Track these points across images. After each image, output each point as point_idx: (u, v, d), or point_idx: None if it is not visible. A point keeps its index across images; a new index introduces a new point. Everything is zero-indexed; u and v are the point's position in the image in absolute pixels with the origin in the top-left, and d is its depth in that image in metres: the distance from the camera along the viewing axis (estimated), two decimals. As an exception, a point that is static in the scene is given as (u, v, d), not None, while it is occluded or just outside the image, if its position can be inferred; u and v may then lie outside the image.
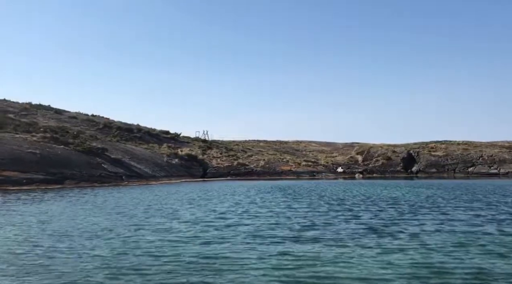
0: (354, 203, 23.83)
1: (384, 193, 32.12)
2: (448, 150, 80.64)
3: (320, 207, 22.10)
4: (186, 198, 28.37)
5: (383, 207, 22.03)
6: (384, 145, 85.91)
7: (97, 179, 53.58)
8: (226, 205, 23.47)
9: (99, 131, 70.72)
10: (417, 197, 28.36)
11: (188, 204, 24.26)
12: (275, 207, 22.16)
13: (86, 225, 15.90)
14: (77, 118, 72.77)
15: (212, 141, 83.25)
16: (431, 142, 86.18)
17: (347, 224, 15.73)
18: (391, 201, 25.11)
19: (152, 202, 25.37)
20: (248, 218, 17.80)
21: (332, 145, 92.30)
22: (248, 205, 23.12)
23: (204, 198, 28.68)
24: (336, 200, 26.10)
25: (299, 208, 21.57)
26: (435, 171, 77.65)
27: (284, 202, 24.84)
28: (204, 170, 66.88)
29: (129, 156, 63.70)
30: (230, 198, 28.26)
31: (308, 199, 26.54)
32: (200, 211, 20.69)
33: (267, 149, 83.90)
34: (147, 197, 29.80)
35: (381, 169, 78.93)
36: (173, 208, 21.81)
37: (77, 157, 56.94)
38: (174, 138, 77.74)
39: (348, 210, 20.33)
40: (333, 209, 21.03)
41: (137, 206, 22.78)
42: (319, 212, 19.80)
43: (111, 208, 22.01)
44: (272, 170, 70.33)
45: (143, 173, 61.22)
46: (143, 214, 19.10)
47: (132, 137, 71.30)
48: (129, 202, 25.21)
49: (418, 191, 33.52)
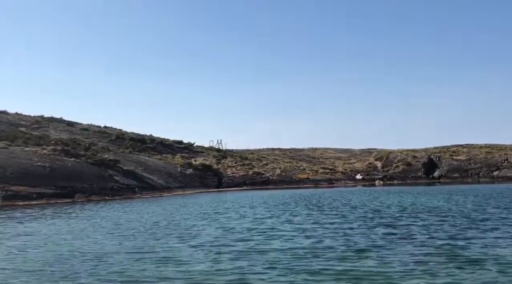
0: (394, 217, 20.07)
1: (419, 202, 28.32)
2: (470, 154, 76.28)
3: (358, 221, 18.44)
4: (200, 212, 24.93)
5: (430, 220, 18.32)
6: (403, 150, 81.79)
7: (108, 192, 50.57)
8: (246, 221, 19.91)
9: (111, 142, 67.89)
10: (460, 206, 24.58)
11: (202, 219, 20.84)
12: (305, 222, 18.55)
13: (71, 254, 12.51)
14: (89, 130, 70.10)
15: (226, 150, 79.95)
16: (452, 146, 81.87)
17: (406, 246, 12.11)
18: (434, 212, 21.35)
19: (160, 217, 21.99)
20: (276, 238, 14.27)
21: (349, 152, 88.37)
22: (271, 220, 19.53)
23: (220, 211, 25.20)
24: (371, 212, 22.39)
25: (333, 223, 17.92)
26: (458, 175, 73.31)
27: (313, 216, 21.17)
28: (219, 180, 63.53)
29: (142, 168, 60.65)
30: (249, 212, 24.71)
31: (339, 212, 22.90)
32: (216, 229, 17.20)
33: (282, 157, 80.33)
34: (157, 211, 26.46)
35: (401, 175, 74.83)
36: (185, 225, 18.37)
37: (88, 170, 54.02)
38: (187, 147, 74.63)
39: (391, 226, 16.62)
40: (373, 224, 17.38)
41: (143, 224, 19.40)
42: (363, 229, 16.14)
43: (112, 226, 18.67)
44: (288, 178, 66.70)
45: (156, 184, 58.07)
46: (150, 236, 15.69)
47: (145, 148, 68.32)
48: (136, 219, 21.85)
49: (457, 199, 29.66)
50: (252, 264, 10.24)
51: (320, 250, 11.86)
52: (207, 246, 12.93)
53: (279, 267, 9.86)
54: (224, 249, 12.40)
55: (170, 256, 11.64)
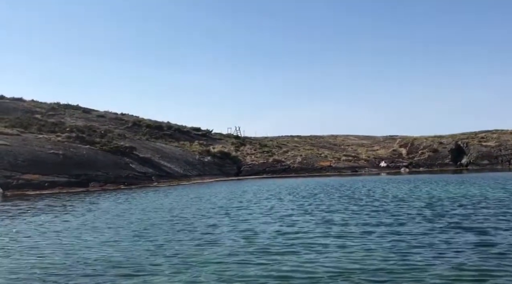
0: (463, 215, 16.04)
1: (471, 193, 24.50)
2: (500, 140, 71.51)
3: (417, 222, 14.76)
4: (219, 206, 21.62)
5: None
6: (429, 136, 77.33)
7: (124, 180, 47.84)
8: (274, 219, 16.45)
9: (128, 129, 65.07)
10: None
11: (223, 215, 17.51)
12: (350, 223, 14.97)
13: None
14: (105, 117, 67.37)
15: (245, 137, 76.56)
16: (480, 132, 77.09)
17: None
18: (504, 208, 17.56)
19: (175, 211, 18.74)
20: (317, 250, 10.81)
21: (371, 138, 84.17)
22: (304, 220, 16.03)
23: (242, 205, 21.84)
24: (426, 207, 18.63)
25: (386, 225, 14.29)
26: (487, 162, 68.72)
27: (354, 213, 17.54)
28: (238, 168, 60.30)
29: (159, 155, 57.75)
30: (277, 205, 21.26)
31: (383, 207, 19.32)
32: (240, 233, 13.82)
33: (302, 144, 76.59)
34: (174, 201, 23.27)
35: (427, 163, 70.51)
36: (203, 225, 15.05)
37: (103, 157, 51.31)
38: (205, 135, 71.42)
39: (469, 230, 12.82)
40: (441, 226, 13.70)
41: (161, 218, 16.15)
42: (432, 234, 12.40)
43: (110, 219, 15.47)
44: (310, 166, 63.11)
45: (174, 172, 55.14)
46: (164, 236, 12.40)
47: (162, 135, 65.35)
48: (146, 213, 18.64)
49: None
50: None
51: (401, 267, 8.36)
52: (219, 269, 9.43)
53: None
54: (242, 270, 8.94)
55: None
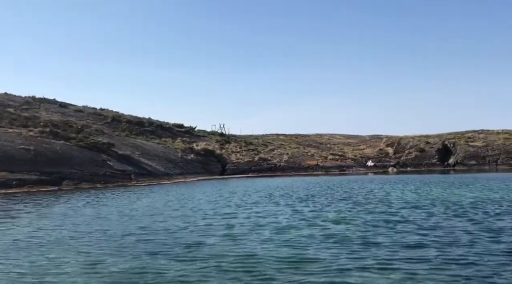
0: (492, 225, 13.25)
1: (478, 196, 21.63)
2: (487, 140, 69.57)
3: (441, 235, 11.71)
4: (204, 213, 18.24)
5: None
6: (415, 136, 75.04)
7: (101, 179, 44.00)
8: (270, 234, 13.14)
9: (107, 125, 61.02)
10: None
11: (207, 227, 14.13)
12: (369, 235, 11.79)
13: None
14: (83, 112, 63.14)
15: (230, 135, 73.10)
16: (467, 132, 75.09)
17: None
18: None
19: (144, 221, 15.29)
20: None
21: (357, 137, 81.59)
22: (310, 234, 12.76)
23: (230, 212, 18.50)
24: (446, 213, 15.62)
25: (433, 246, 11.13)
26: (474, 163, 66.70)
27: (364, 222, 14.35)
28: (222, 166, 56.85)
29: (139, 152, 53.93)
30: (272, 211, 17.95)
31: (393, 213, 16.21)
32: (232, 244, 10.47)
33: (288, 142, 73.49)
34: (149, 205, 19.78)
35: (414, 162, 68.19)
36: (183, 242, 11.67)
37: (79, 154, 47.33)
38: (189, 132, 67.68)
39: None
40: (486, 246, 10.65)
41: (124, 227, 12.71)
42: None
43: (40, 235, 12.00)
44: (297, 165, 60.04)
45: (155, 170, 51.41)
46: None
47: (143, 131, 61.48)
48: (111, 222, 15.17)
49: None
50: None
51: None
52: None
53: None
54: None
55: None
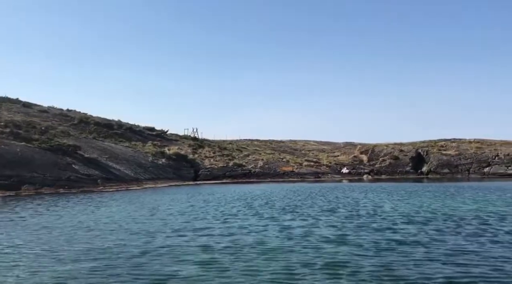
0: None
1: (470, 207, 19.52)
2: (460, 149, 68.87)
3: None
4: (170, 229, 15.36)
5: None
6: (389, 144, 73.75)
7: (64, 183, 40.43)
8: (259, 268, 10.45)
9: (74, 127, 57.00)
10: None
11: (169, 248, 11.30)
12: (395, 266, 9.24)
13: None
14: (48, 113, 58.93)
15: (203, 140, 69.96)
16: (440, 140, 74.31)
17: None
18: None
19: (95, 242, 12.35)
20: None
21: (332, 144, 79.81)
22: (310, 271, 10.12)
23: (202, 227, 15.69)
24: (458, 233, 13.29)
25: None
26: (447, 171, 65.84)
27: (376, 244, 11.83)
28: (195, 172, 53.73)
29: (106, 156, 50.29)
30: (255, 228, 15.25)
31: (409, 236, 13.76)
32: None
33: (263, 148, 70.93)
34: (107, 217, 16.74)
35: (389, 170, 66.77)
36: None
37: (41, 157, 43.48)
38: (160, 135, 64.21)
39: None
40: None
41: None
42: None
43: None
44: (272, 171, 57.52)
45: (123, 175, 47.91)
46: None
47: (112, 134, 57.71)
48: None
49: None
50: None
51: None
52: None
53: None
54: None
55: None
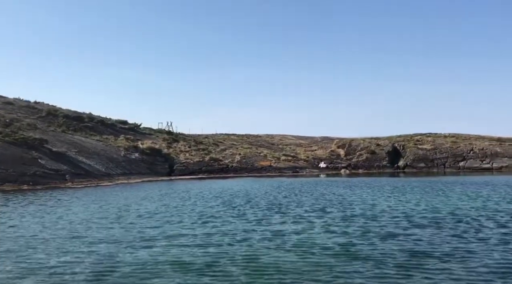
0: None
1: (466, 205, 17.48)
2: (436, 143, 67.82)
3: None
4: (142, 237, 12.65)
5: None
6: (366, 138, 72.23)
7: (29, 179, 37.02)
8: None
9: (41, 119, 53.03)
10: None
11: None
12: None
13: None
14: (13, 104, 54.69)
15: (178, 134, 66.75)
16: (416, 134, 73.19)
17: None
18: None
19: (33, 257, 9.56)
20: None
21: (309, 138, 77.77)
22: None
23: (180, 233, 13.04)
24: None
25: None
26: (423, 165, 64.70)
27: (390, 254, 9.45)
28: (170, 167, 50.68)
29: (76, 150, 46.73)
30: (240, 226, 12.69)
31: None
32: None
33: (240, 142, 68.25)
34: (58, 224, 13.88)
35: (366, 164, 65.18)
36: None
37: (4, 151, 39.82)
38: (133, 129, 60.70)
39: None
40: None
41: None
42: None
43: None
44: (250, 165, 55.00)
45: (94, 170, 44.54)
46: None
47: (82, 127, 54.00)
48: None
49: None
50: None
51: None
52: None
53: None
54: None
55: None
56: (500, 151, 64.82)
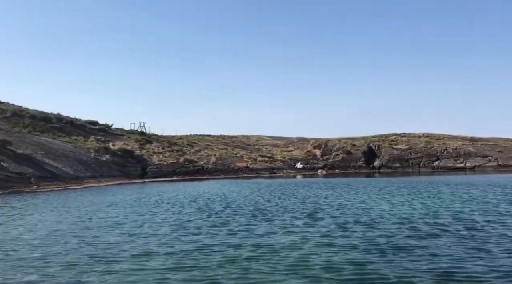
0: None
1: (465, 208, 15.94)
2: (410, 143, 67.35)
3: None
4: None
5: None
6: (341, 138, 71.14)
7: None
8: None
9: (6, 120, 49.39)
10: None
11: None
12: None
13: None
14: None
15: (151, 135, 63.84)
16: (390, 134, 72.58)
17: None
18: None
19: None
20: None
21: (285, 139, 76.10)
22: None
23: (152, 250, 10.83)
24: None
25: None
26: (399, 165, 64.05)
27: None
28: (143, 169, 47.94)
29: (42, 152, 43.45)
30: (225, 240, 10.60)
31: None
32: None
33: (215, 143, 65.89)
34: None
35: (342, 164, 64.00)
36: None
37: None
38: (104, 129, 57.50)
39: None
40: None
41: None
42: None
43: None
44: (226, 167, 52.76)
45: (62, 173, 41.41)
46: None
47: (50, 128, 50.61)
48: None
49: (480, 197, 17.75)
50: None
51: None
52: None
53: None
54: None
55: None
56: (473, 150, 64.81)
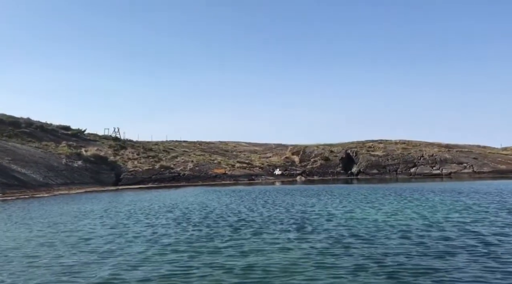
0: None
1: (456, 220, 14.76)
2: (387, 150, 66.98)
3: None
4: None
5: None
6: (319, 144, 70.24)
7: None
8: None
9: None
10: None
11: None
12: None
13: None
14: None
15: (126, 140, 61.35)
16: (367, 141, 72.14)
17: None
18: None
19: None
20: None
21: (263, 145, 74.66)
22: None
23: (122, 278, 9.00)
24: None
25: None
26: (376, 172, 63.55)
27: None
28: (117, 176, 45.58)
29: (9, 158, 40.70)
30: (208, 259, 8.90)
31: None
32: None
33: (192, 149, 63.79)
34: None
35: (320, 171, 63.02)
36: None
37: None
38: (76, 135, 54.77)
39: None
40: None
41: None
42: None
43: None
44: (203, 173, 50.83)
45: (30, 180, 38.78)
46: None
47: (18, 133, 47.74)
48: None
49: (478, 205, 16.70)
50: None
51: None
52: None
53: None
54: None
55: None
56: (449, 157, 64.87)
